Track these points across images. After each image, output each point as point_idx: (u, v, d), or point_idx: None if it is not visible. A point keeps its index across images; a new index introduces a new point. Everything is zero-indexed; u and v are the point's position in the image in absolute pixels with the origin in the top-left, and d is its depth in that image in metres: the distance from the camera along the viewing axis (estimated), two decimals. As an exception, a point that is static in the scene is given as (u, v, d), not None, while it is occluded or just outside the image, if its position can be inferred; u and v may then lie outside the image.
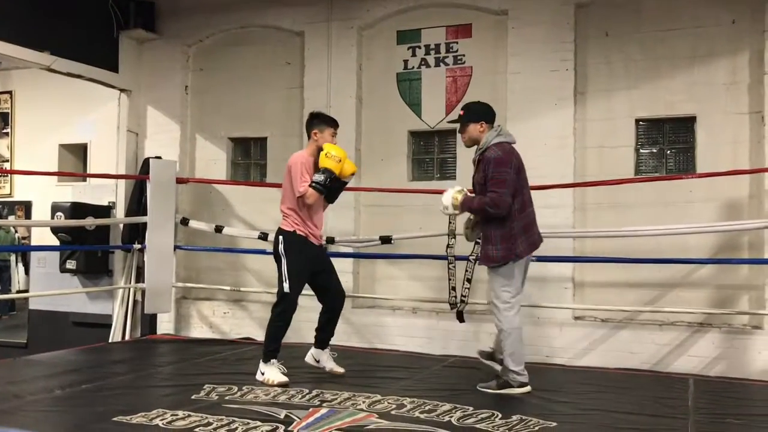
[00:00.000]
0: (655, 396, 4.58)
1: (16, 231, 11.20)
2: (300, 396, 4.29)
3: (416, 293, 6.55)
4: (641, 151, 6.12)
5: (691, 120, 5.93)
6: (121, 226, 7.44)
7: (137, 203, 7.29)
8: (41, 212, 8.16)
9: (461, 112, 4.73)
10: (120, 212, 7.54)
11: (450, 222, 5.80)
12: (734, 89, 5.76)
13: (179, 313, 7.44)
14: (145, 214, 6.87)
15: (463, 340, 6.16)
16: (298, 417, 3.76)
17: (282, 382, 4.58)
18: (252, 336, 6.90)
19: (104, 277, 7.69)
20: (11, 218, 9.00)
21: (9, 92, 8.71)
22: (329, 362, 5.00)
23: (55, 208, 7.43)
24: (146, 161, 7.21)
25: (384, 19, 6.86)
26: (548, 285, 5.98)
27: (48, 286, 7.72)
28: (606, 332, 5.89)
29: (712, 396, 4.59)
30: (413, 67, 6.78)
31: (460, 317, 5.79)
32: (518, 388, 4.48)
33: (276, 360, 4.76)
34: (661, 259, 5.68)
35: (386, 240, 6.28)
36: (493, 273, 4.54)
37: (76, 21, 6.97)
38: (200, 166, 7.63)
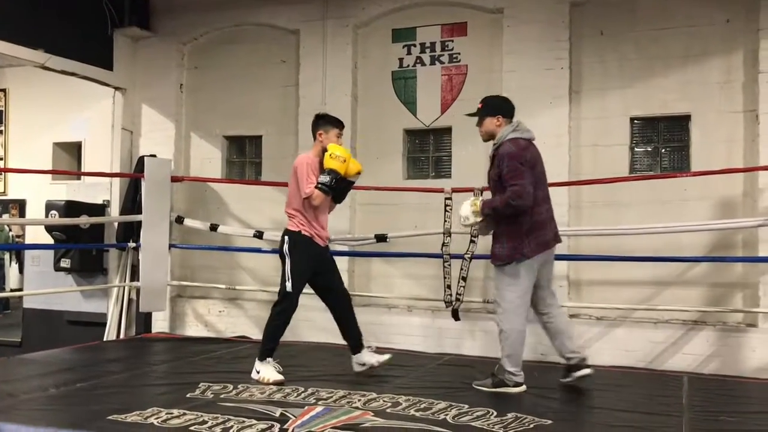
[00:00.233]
0: (650, 394, 4.59)
1: (10, 229, 11.18)
2: (295, 394, 4.28)
3: (411, 291, 6.55)
4: (636, 150, 6.13)
5: (686, 118, 5.94)
6: (116, 225, 7.42)
7: (132, 201, 7.27)
8: (35, 210, 8.14)
9: (479, 105, 4.69)
10: (114, 211, 7.52)
11: (445, 220, 5.81)
12: (728, 88, 5.78)
13: (174, 312, 7.43)
14: (140, 213, 6.85)
15: (459, 339, 6.18)
16: (294, 415, 3.76)
17: (277, 381, 4.58)
18: (247, 334, 6.90)
19: (99, 276, 7.66)
20: (5, 216, 8.98)
21: (3, 90, 8.70)
22: (372, 357, 4.93)
23: (50, 207, 7.41)
24: (141, 159, 7.19)
25: (379, 18, 6.86)
26: (543, 283, 5.99)
27: (42, 285, 7.71)
28: (601, 330, 5.90)
29: (706, 394, 4.61)
30: (408, 66, 6.78)
31: (456, 315, 5.81)
32: (513, 388, 4.48)
33: (272, 359, 4.75)
34: (656, 257, 5.71)
35: (381, 238, 6.27)
36: (499, 272, 4.49)
37: (71, 19, 6.94)
38: (195, 165, 7.61)
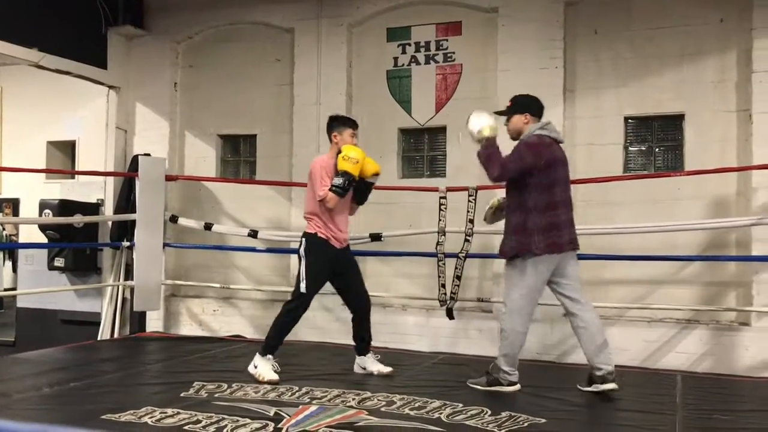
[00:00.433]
0: (643, 392, 4.61)
1: (4, 228, 11.12)
2: (290, 393, 4.28)
3: (406, 290, 6.56)
4: (630, 149, 6.15)
5: (680, 118, 5.96)
6: (110, 224, 7.39)
7: (126, 200, 7.25)
8: (29, 209, 8.11)
9: (508, 104, 4.68)
10: (108, 209, 7.50)
11: (440, 220, 5.81)
12: (722, 87, 5.80)
13: (168, 311, 7.42)
14: (134, 212, 6.84)
15: (453, 337, 6.19)
16: (288, 414, 3.76)
17: (272, 380, 4.57)
18: (241, 333, 6.89)
19: (93, 275, 7.64)
20: (-1, 215, 8.94)
21: (-4, 89, 8.67)
22: (374, 365, 4.99)
23: (43, 206, 7.38)
24: (135, 158, 7.16)
25: (374, 17, 6.86)
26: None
27: (36, 284, 7.67)
28: (595, 329, 5.90)
29: (700, 392, 4.63)
30: (403, 65, 6.78)
31: (450, 314, 5.82)
32: (507, 387, 4.48)
33: (272, 356, 4.76)
34: (650, 256, 5.72)
35: (376, 237, 6.27)
36: (508, 268, 4.51)
37: (65, 17, 6.93)
38: (189, 164, 7.59)
